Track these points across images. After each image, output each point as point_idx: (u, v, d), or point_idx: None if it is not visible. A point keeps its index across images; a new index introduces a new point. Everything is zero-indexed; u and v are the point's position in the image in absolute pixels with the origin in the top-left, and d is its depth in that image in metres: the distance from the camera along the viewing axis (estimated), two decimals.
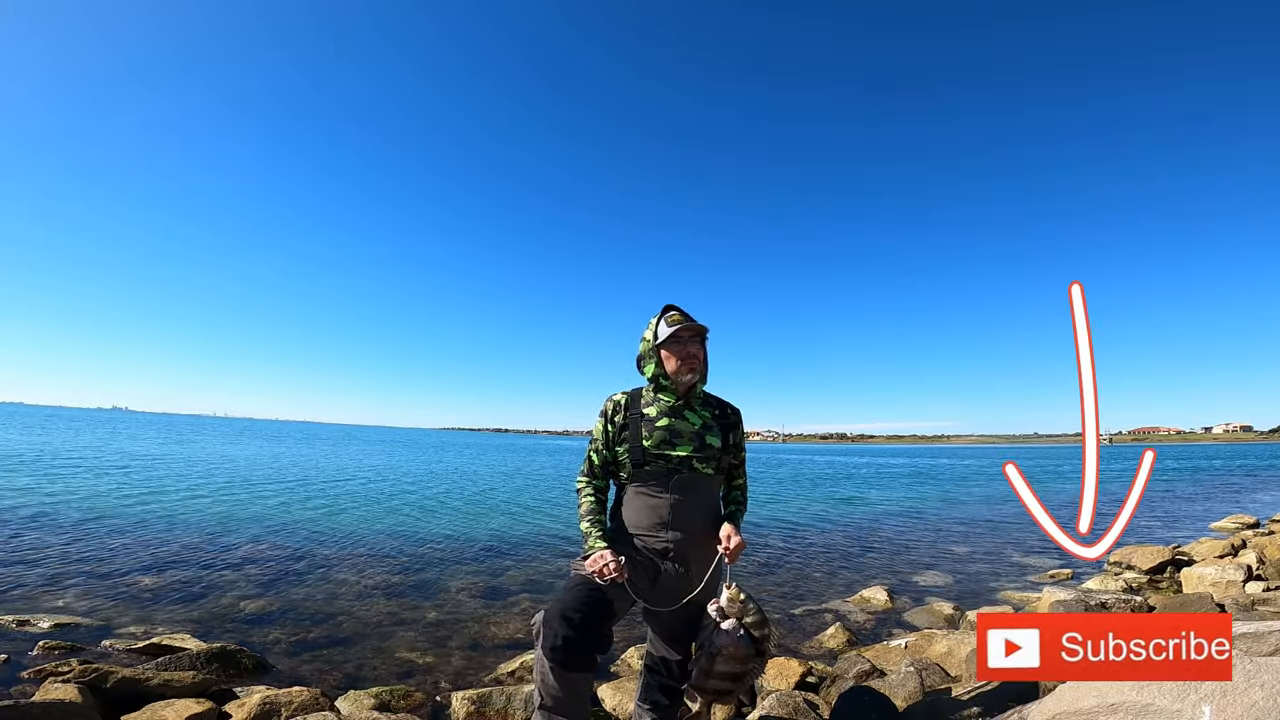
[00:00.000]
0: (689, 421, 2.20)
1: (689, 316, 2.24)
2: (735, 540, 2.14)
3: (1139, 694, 1.97)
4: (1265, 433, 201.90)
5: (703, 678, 2.11)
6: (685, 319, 2.21)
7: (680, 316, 2.22)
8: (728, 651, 2.05)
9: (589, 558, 2.09)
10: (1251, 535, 7.66)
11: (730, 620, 2.08)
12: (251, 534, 7.71)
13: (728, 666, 2.06)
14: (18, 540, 6.56)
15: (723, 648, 2.06)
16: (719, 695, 2.15)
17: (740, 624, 2.08)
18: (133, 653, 3.59)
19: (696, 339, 2.21)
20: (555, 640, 1.89)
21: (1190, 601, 4.66)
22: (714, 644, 2.08)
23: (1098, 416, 2.43)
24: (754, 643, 2.09)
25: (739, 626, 2.08)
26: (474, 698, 2.95)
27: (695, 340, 2.21)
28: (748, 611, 2.10)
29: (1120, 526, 2.47)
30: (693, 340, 2.20)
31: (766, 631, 2.14)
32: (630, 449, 2.18)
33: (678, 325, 2.17)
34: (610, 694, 3.06)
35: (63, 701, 2.59)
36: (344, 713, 2.87)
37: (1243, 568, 5.45)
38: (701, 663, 2.11)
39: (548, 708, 1.96)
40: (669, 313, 2.24)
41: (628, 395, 2.30)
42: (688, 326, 2.18)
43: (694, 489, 2.18)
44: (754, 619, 2.10)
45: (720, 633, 2.08)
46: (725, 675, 2.08)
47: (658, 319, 2.25)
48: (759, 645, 2.10)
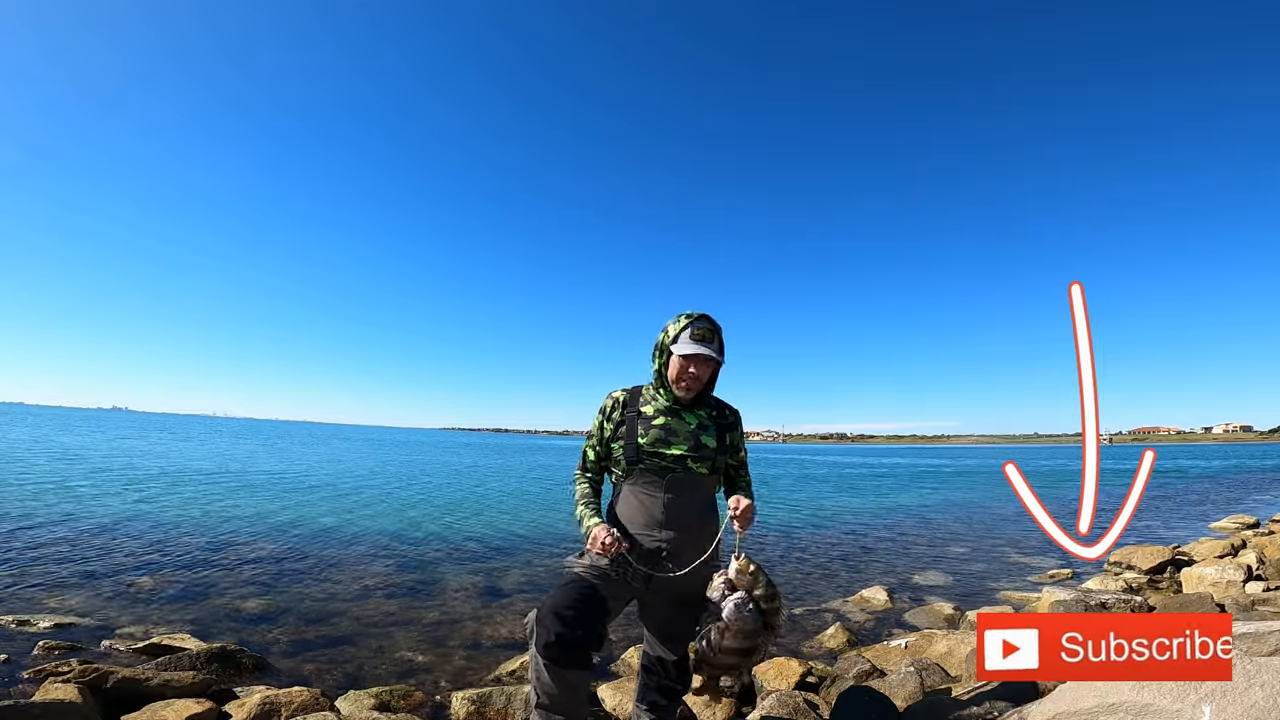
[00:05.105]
0: (685, 421, 2.19)
1: (715, 333, 2.14)
2: (745, 503, 2.08)
3: (1139, 694, 1.97)
4: (1265, 433, 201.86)
5: (710, 653, 2.01)
6: (709, 337, 2.11)
7: (705, 334, 2.11)
8: (736, 626, 1.95)
9: (587, 538, 2.08)
10: (1251, 535, 7.66)
11: (739, 593, 1.99)
12: (251, 534, 7.71)
13: (735, 641, 1.97)
14: (18, 540, 6.56)
15: (731, 622, 1.95)
16: (727, 670, 2.08)
17: (749, 596, 1.99)
18: (133, 653, 3.59)
19: (707, 365, 2.15)
20: (548, 637, 1.88)
21: (1190, 601, 4.66)
22: (721, 618, 1.97)
23: (1098, 416, 2.43)
24: (763, 616, 2.00)
25: (748, 599, 1.98)
26: (474, 697, 2.95)
27: (704, 366, 2.15)
28: (758, 583, 2.00)
29: (1120, 526, 2.47)
30: (701, 365, 2.14)
31: (777, 605, 2.05)
32: (625, 446, 2.17)
33: (697, 349, 2.08)
34: (610, 694, 3.06)
35: (63, 701, 2.59)
36: (344, 713, 2.87)
37: (1243, 568, 5.45)
38: (709, 637, 2.00)
39: (544, 706, 1.95)
40: (696, 325, 2.12)
41: (628, 393, 2.29)
42: (702, 355, 2.10)
43: (689, 488, 2.17)
44: (764, 591, 2.01)
45: (728, 606, 1.98)
46: (733, 650, 1.98)
47: (684, 325, 2.13)
48: (769, 619, 2.01)
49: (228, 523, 8.46)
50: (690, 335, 2.11)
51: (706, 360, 2.14)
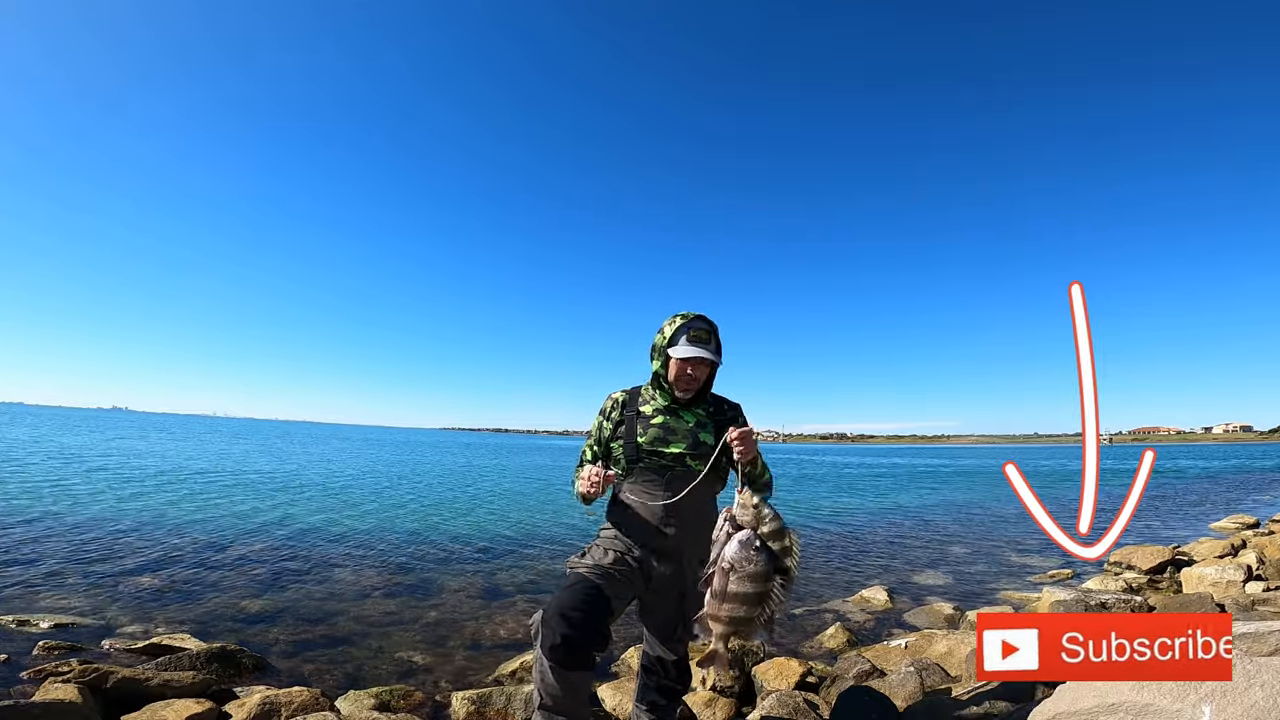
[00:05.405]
0: (684, 420, 2.21)
1: (712, 334, 2.15)
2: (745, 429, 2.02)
3: (1139, 694, 1.97)
4: (1265, 433, 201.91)
5: (716, 603, 1.76)
6: (706, 338, 2.12)
7: (701, 336, 2.12)
8: (741, 567, 1.72)
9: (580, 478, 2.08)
10: (1251, 535, 7.67)
11: (744, 531, 1.77)
12: (251, 534, 7.71)
13: (742, 586, 1.72)
14: (18, 540, 6.56)
15: (736, 563, 1.73)
16: (736, 625, 1.78)
17: (755, 534, 1.77)
18: (133, 653, 3.59)
19: (703, 366, 2.17)
20: (554, 639, 1.88)
21: (1190, 601, 4.66)
22: (725, 559, 1.74)
23: (1098, 416, 2.43)
24: (772, 557, 1.76)
25: (754, 537, 1.76)
26: (474, 698, 2.95)
27: (702, 367, 2.16)
28: (763, 519, 1.79)
29: (1120, 526, 2.46)
30: (699, 366, 2.15)
31: (787, 543, 1.80)
32: (625, 445, 2.20)
33: (694, 352, 2.09)
34: (610, 694, 3.07)
35: (63, 701, 2.59)
36: (344, 713, 2.87)
37: (1243, 568, 5.45)
38: (713, 585, 1.76)
39: (547, 707, 1.95)
40: (693, 326, 2.13)
41: (627, 394, 2.32)
42: (701, 359, 2.11)
43: (687, 486, 2.17)
44: (771, 528, 1.78)
45: (732, 545, 1.75)
46: (742, 598, 1.74)
47: (679, 326, 2.15)
48: (779, 561, 1.77)
49: (228, 523, 8.46)
50: (687, 337, 2.12)
51: (704, 363, 2.16)
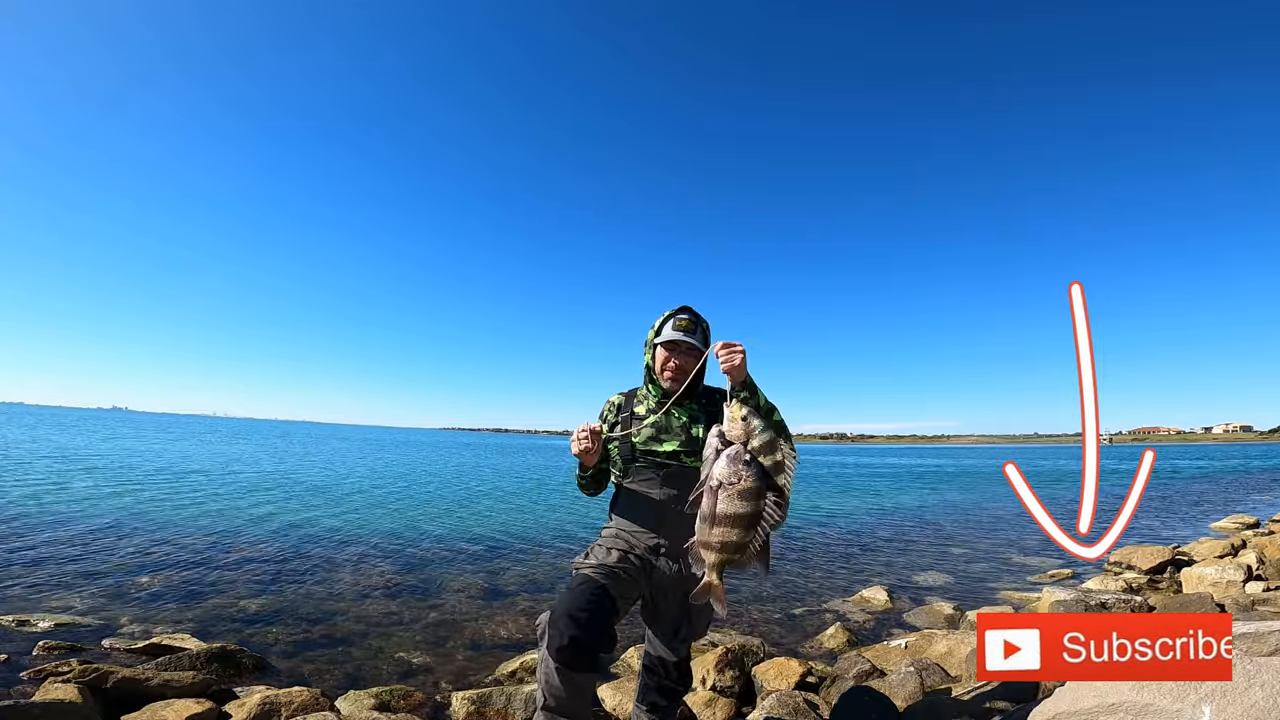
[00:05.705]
0: (676, 416, 2.22)
1: (698, 323, 2.21)
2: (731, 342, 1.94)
3: (1139, 694, 1.97)
4: (1265, 433, 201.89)
5: (706, 527, 1.67)
6: (690, 327, 2.18)
7: (686, 324, 2.18)
8: (731, 485, 1.63)
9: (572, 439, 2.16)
10: (1251, 535, 7.67)
11: (733, 447, 1.68)
12: (251, 534, 7.71)
13: (733, 506, 1.63)
14: (18, 540, 6.56)
15: (724, 480, 1.63)
16: (729, 552, 1.69)
17: (745, 449, 1.67)
18: (133, 653, 3.59)
19: (690, 354, 2.19)
20: (561, 640, 1.88)
21: (1190, 601, 4.66)
22: (714, 477, 1.65)
23: (1098, 416, 2.43)
24: (764, 472, 1.66)
25: (743, 452, 1.66)
26: (474, 698, 2.95)
27: (689, 355, 2.18)
28: (753, 433, 1.69)
29: (1120, 526, 2.46)
30: (687, 354, 2.18)
31: (781, 459, 1.70)
32: (620, 445, 2.22)
33: (678, 336, 2.15)
34: (610, 694, 3.07)
35: (63, 701, 2.59)
36: (344, 713, 2.87)
37: (1243, 568, 5.45)
38: (702, 507, 1.68)
39: (550, 708, 1.95)
40: (679, 315, 2.20)
41: (624, 396, 2.36)
42: (681, 342, 2.16)
43: (686, 484, 2.16)
44: (761, 440, 1.68)
45: (721, 461, 1.66)
46: (733, 519, 1.64)
47: (667, 317, 2.22)
48: (770, 478, 1.67)
49: (227, 523, 8.45)
50: (673, 326, 2.18)
51: (688, 349, 2.18)
